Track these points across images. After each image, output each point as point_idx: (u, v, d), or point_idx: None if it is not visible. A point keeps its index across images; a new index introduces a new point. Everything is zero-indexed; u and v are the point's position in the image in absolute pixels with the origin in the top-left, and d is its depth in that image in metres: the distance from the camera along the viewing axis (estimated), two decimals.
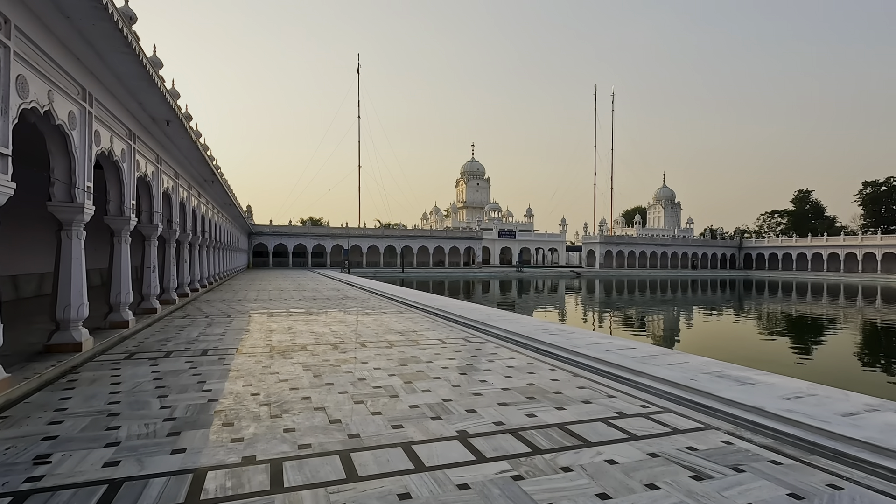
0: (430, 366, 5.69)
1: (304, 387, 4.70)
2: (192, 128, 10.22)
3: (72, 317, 5.63)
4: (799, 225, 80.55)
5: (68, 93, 5.35)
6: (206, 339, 7.28)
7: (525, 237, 69.16)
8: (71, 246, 5.70)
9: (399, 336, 7.84)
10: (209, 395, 4.35)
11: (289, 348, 6.70)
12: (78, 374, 5.08)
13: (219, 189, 17.30)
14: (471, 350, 6.76)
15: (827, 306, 26.74)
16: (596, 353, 6.43)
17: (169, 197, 11.12)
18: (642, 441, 3.41)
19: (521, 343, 7.37)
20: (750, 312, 23.84)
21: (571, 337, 7.59)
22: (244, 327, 8.64)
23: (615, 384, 5.02)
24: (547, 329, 8.39)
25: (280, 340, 7.30)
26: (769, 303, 28.96)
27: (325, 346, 6.88)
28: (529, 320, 9.63)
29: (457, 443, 3.33)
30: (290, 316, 10.41)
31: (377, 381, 4.94)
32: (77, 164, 5.59)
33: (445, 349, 6.78)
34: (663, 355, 6.25)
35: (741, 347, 14.01)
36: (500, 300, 28.16)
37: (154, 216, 9.47)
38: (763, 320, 21.07)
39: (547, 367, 5.79)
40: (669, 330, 18.10)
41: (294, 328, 8.60)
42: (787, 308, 25.88)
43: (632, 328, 18.11)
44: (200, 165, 13.07)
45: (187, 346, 6.70)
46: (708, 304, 28.54)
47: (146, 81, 6.56)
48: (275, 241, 54.19)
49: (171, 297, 11.36)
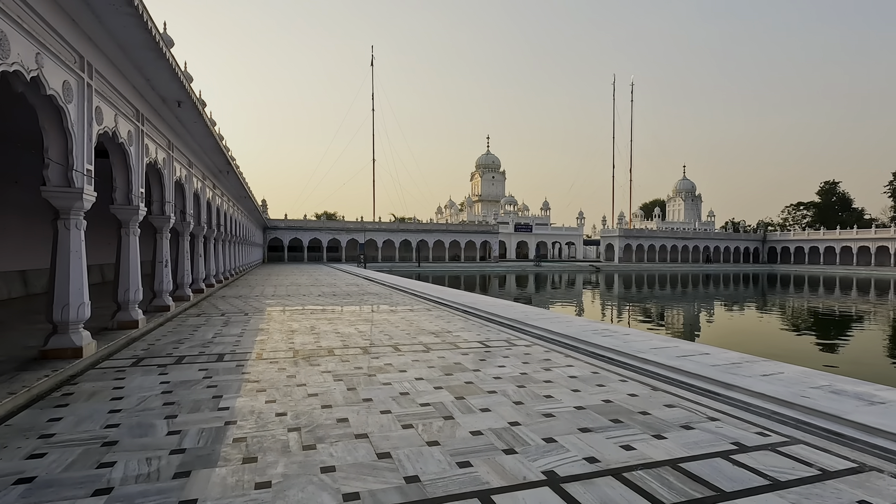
0: (479, 375, 4.90)
1: (338, 403, 3.93)
2: (206, 114, 9.53)
3: (71, 318, 4.94)
4: (825, 217, 77.95)
5: (62, 59, 4.62)
6: (223, 341, 6.58)
7: (541, 231, 67.96)
8: (69, 237, 5.01)
9: (434, 338, 7.05)
10: (226, 416, 3.61)
11: (314, 352, 5.95)
12: (75, 385, 4.38)
13: (234, 181, 16.67)
14: (519, 355, 5.95)
15: (873, 302, 25.33)
16: (665, 359, 5.58)
17: (182, 187, 10.46)
18: (794, 492, 2.56)
19: (572, 346, 6.54)
20: (790, 308, 22.62)
21: (628, 339, 6.74)
22: (263, 327, 7.94)
23: (707, 401, 4.17)
24: (596, 330, 7.54)
25: (303, 343, 6.57)
26: (808, 298, 27.60)
27: (355, 350, 6.12)
28: (573, 319, 8.78)
29: (548, 491, 2.53)
30: (312, 314, 9.69)
31: (423, 397, 4.15)
32: (75, 144, 4.88)
33: (490, 354, 5.97)
34: (748, 363, 5.37)
35: (803, 349, 12.98)
36: (522, 295, 27.28)
37: (166, 206, 8.80)
38: (809, 317, 19.89)
39: (615, 377, 4.95)
40: (716, 328, 17.06)
41: (317, 328, 7.87)
42: (828, 303, 24.56)
43: (672, 327, 17.12)
44: (215, 154, 12.40)
45: (202, 350, 5.99)
46: (741, 299, 27.30)
47: (153, 52, 5.82)
48: (290, 236, 53.87)
49: (186, 293, 10.72)
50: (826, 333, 15.98)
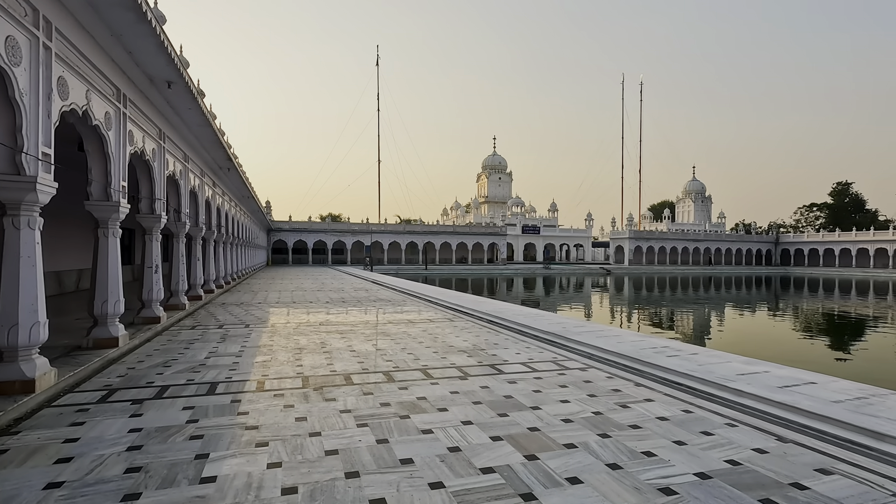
0: (542, 417, 3.79)
1: (368, 469, 2.84)
2: (204, 105, 8.49)
3: (20, 342, 3.87)
4: (838, 219, 76.31)
5: (5, 6, 3.56)
6: (217, 363, 5.50)
7: (549, 233, 66.71)
8: (19, 238, 3.94)
9: (467, 358, 5.95)
10: (210, 492, 2.52)
11: (327, 380, 4.86)
12: (16, 435, 3.30)
13: (235, 179, 15.63)
14: (578, 384, 4.83)
15: (882, 304, 24.05)
16: (765, 390, 4.48)
17: (176, 183, 9.41)
18: None
19: (636, 370, 5.42)
20: (841, 314, 21.38)
21: (701, 360, 5.62)
22: (265, 343, 6.86)
23: (865, 460, 3.05)
24: (656, 347, 6.42)
25: (313, 366, 5.48)
26: (841, 303, 26.31)
27: (377, 377, 5.02)
28: (620, 333, 7.66)
29: None
30: (321, 326, 8.61)
31: (481, 455, 3.05)
32: (25, 119, 3.82)
33: (544, 383, 4.86)
34: (877, 397, 4.25)
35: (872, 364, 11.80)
36: (540, 300, 26.13)
37: (156, 204, 7.74)
38: (869, 326, 18.65)
39: (718, 419, 3.83)
40: (770, 339, 15.84)
41: (328, 344, 6.79)
42: (862, 310, 23.28)
43: (720, 338, 15.94)
44: (214, 149, 11.36)
45: (191, 377, 4.91)
46: (767, 303, 26.05)
47: (132, 13, 4.77)
48: (294, 238, 52.89)
49: (181, 301, 9.67)
50: None
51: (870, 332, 16.91)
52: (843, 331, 17.23)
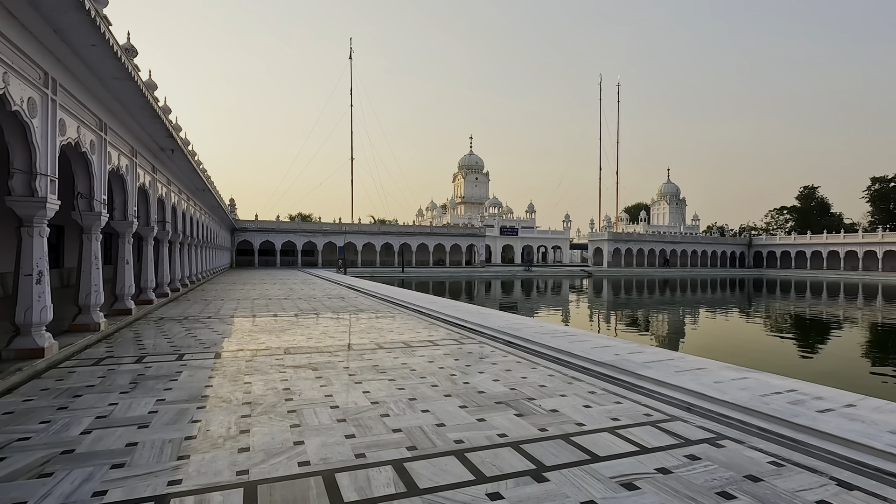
0: None
1: None
2: (139, 76, 6.08)
3: None
4: (806, 222, 77.82)
5: None
6: (94, 451, 3.14)
7: (527, 234, 65.24)
8: None
9: (515, 418, 3.76)
10: None
11: (293, 493, 2.59)
12: None
13: (183, 164, 12.97)
14: (727, 476, 2.72)
15: (873, 308, 23.21)
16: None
17: (122, 178, 6.92)
18: None
19: (756, 429, 3.35)
20: (843, 318, 20.17)
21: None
22: (197, 392, 4.50)
23: None
24: (769, 399, 4.39)
25: (269, 450, 3.18)
26: (825, 306, 25.35)
27: (382, 475, 2.78)
28: (707, 365, 5.59)
29: None
30: (287, 354, 6.27)
31: None
32: None
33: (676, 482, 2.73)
34: None
35: None
36: (529, 305, 24.19)
37: (94, 203, 5.27)
38: (874, 331, 17.37)
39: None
40: (775, 348, 14.26)
41: (295, 392, 4.48)
42: (849, 312, 22.26)
43: (726, 352, 14.24)
44: (150, 122, 8.79)
45: (23, 492, 2.56)
46: (758, 306, 24.87)
47: None
48: (261, 238, 49.55)
49: (91, 320, 7.13)
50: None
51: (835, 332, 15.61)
52: (872, 338, 15.90)
